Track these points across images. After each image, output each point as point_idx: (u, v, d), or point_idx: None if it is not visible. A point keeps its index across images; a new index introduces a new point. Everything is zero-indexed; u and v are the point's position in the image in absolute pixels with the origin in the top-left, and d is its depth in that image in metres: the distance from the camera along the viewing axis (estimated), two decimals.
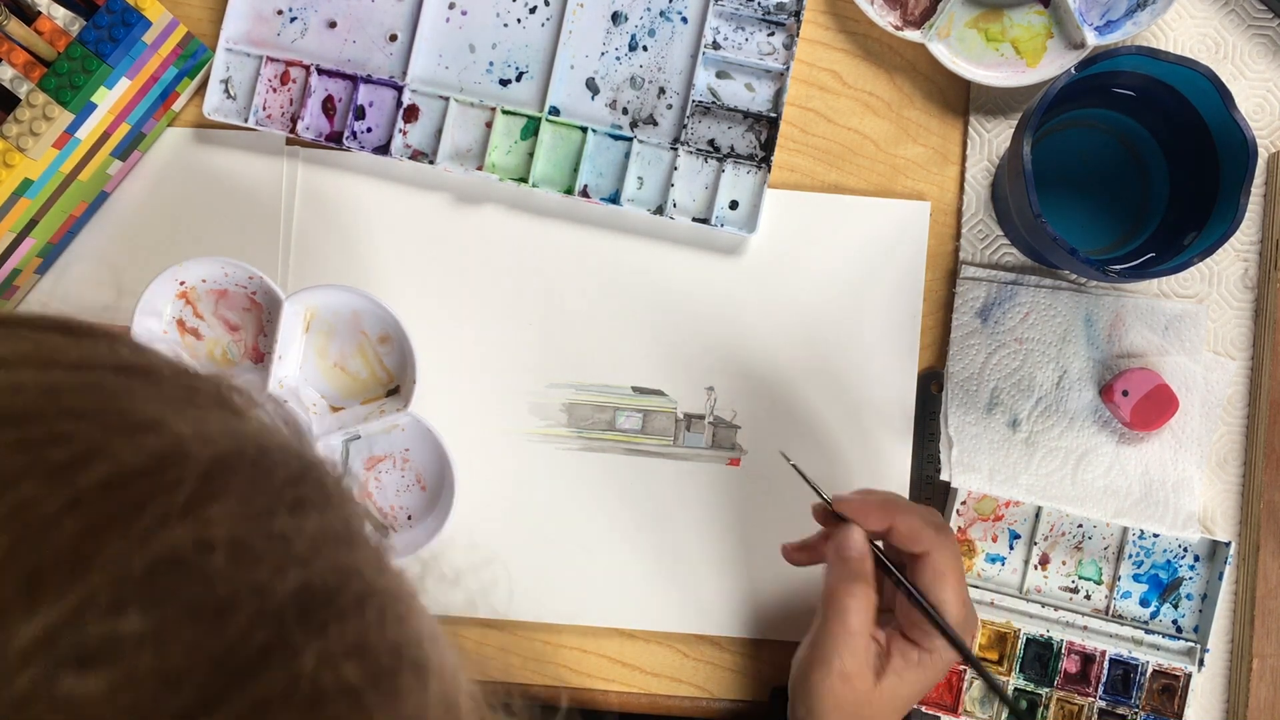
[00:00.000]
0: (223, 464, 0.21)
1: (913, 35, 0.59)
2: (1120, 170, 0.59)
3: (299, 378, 0.55)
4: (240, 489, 0.21)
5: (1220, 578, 0.59)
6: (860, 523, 0.50)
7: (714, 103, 0.60)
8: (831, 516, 0.51)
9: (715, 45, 0.60)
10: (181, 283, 0.53)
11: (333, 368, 0.55)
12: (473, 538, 0.61)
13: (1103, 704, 0.59)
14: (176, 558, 0.19)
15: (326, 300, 0.53)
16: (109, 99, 0.56)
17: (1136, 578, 0.60)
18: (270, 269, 0.61)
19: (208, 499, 0.20)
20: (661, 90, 0.60)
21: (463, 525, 0.61)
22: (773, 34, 0.60)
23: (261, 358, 0.54)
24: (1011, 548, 0.61)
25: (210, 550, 0.19)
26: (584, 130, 0.60)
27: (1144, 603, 0.60)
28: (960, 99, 0.62)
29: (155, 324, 0.54)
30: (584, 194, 0.60)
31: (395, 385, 0.56)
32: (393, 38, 0.60)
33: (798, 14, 0.60)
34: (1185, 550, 0.60)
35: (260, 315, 0.54)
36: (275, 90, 0.60)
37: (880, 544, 0.51)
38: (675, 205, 0.60)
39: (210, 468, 0.20)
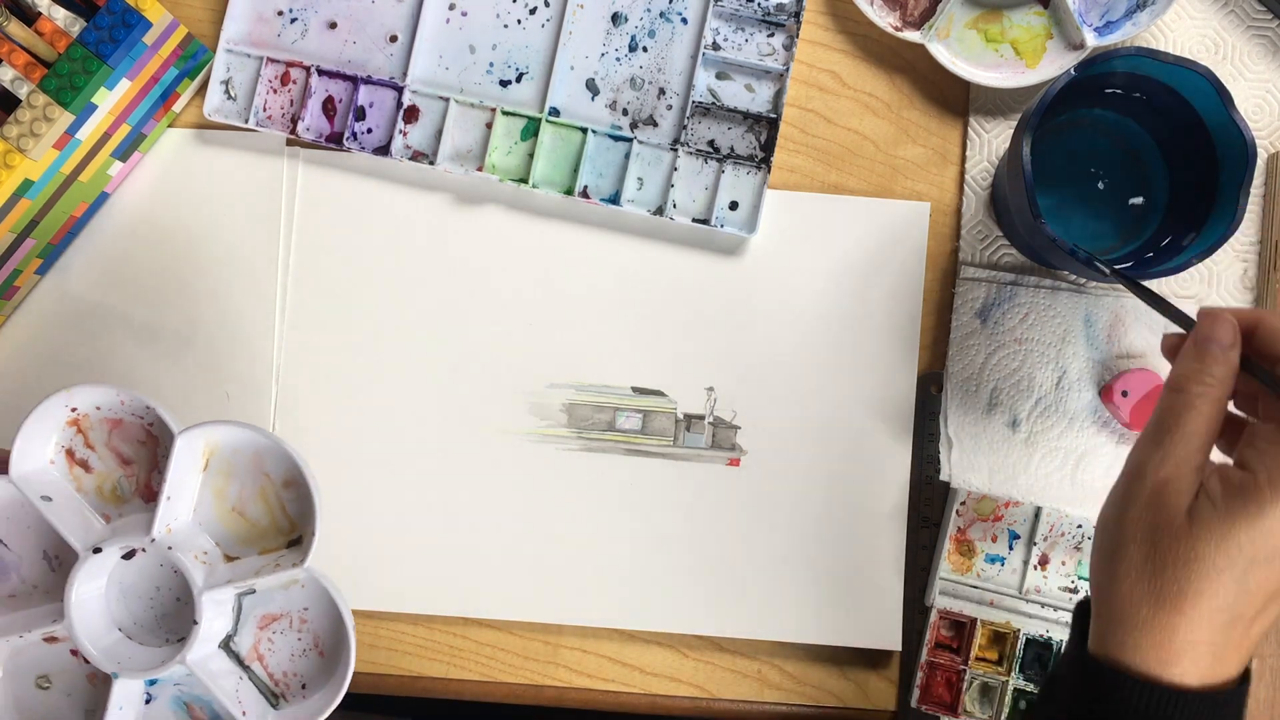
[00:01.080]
0: None
1: (912, 36, 0.59)
2: (1120, 171, 0.59)
3: (191, 521, 0.49)
4: None
5: None
6: (1214, 330, 0.41)
7: (714, 103, 0.60)
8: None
9: (715, 46, 0.60)
10: (73, 409, 0.47)
11: (231, 512, 0.49)
12: (473, 538, 0.61)
13: None
14: None
15: (226, 437, 0.47)
16: (109, 100, 0.56)
17: None
18: (270, 269, 0.61)
19: None
20: (661, 91, 0.60)
21: (464, 525, 0.61)
22: (772, 35, 0.60)
23: (154, 496, 0.48)
24: (1011, 548, 0.61)
25: None
26: (584, 131, 0.60)
27: None
28: (960, 100, 0.62)
29: (40, 452, 0.48)
30: (584, 195, 0.60)
31: (297, 535, 0.49)
32: (393, 38, 0.60)
33: (797, 15, 0.60)
34: None
35: (155, 449, 0.48)
36: (275, 91, 0.60)
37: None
38: (675, 206, 0.60)
39: None
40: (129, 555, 0.47)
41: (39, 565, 0.49)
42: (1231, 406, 0.44)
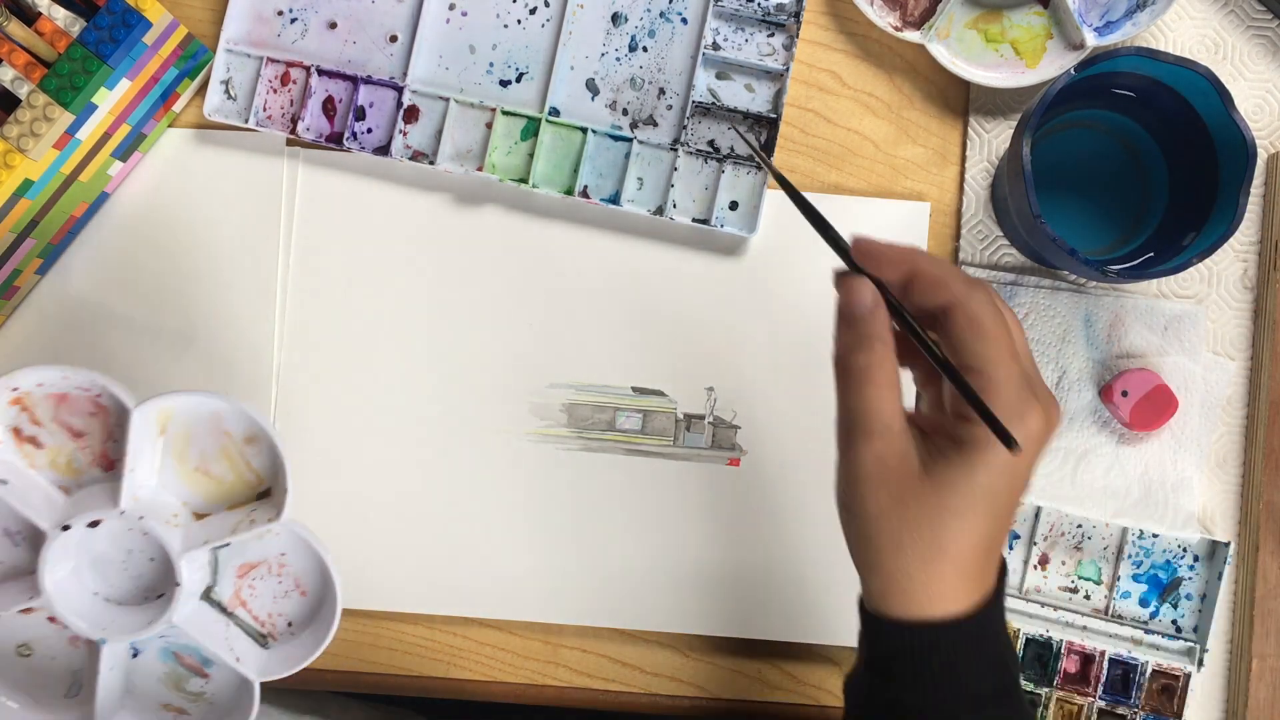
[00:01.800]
0: None
1: (912, 36, 0.59)
2: (1119, 171, 0.59)
3: (156, 486, 0.48)
4: None
5: (1220, 578, 0.59)
6: (874, 271, 0.42)
7: (714, 103, 0.60)
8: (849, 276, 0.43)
9: (715, 46, 0.60)
10: (15, 389, 0.46)
11: (194, 472, 0.48)
12: (474, 537, 0.61)
13: (1102, 704, 0.59)
14: None
15: (180, 404, 0.47)
16: (109, 100, 0.56)
17: (1136, 578, 0.60)
18: (270, 269, 0.61)
19: None
20: (661, 91, 0.60)
21: (464, 525, 0.61)
22: (772, 35, 0.60)
23: (111, 464, 0.47)
24: (1011, 548, 0.61)
25: None
26: (584, 131, 0.60)
27: (1143, 603, 0.60)
28: (960, 100, 0.62)
29: None
30: (584, 194, 0.60)
31: (266, 487, 0.49)
32: (393, 38, 0.60)
33: (797, 15, 0.60)
34: (1185, 550, 0.60)
35: (107, 419, 0.47)
36: (276, 91, 0.60)
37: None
38: (675, 206, 0.60)
39: None
40: (94, 525, 0.47)
41: (1, 543, 0.49)
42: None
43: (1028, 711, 0.43)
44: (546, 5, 0.60)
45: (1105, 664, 0.59)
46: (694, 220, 0.60)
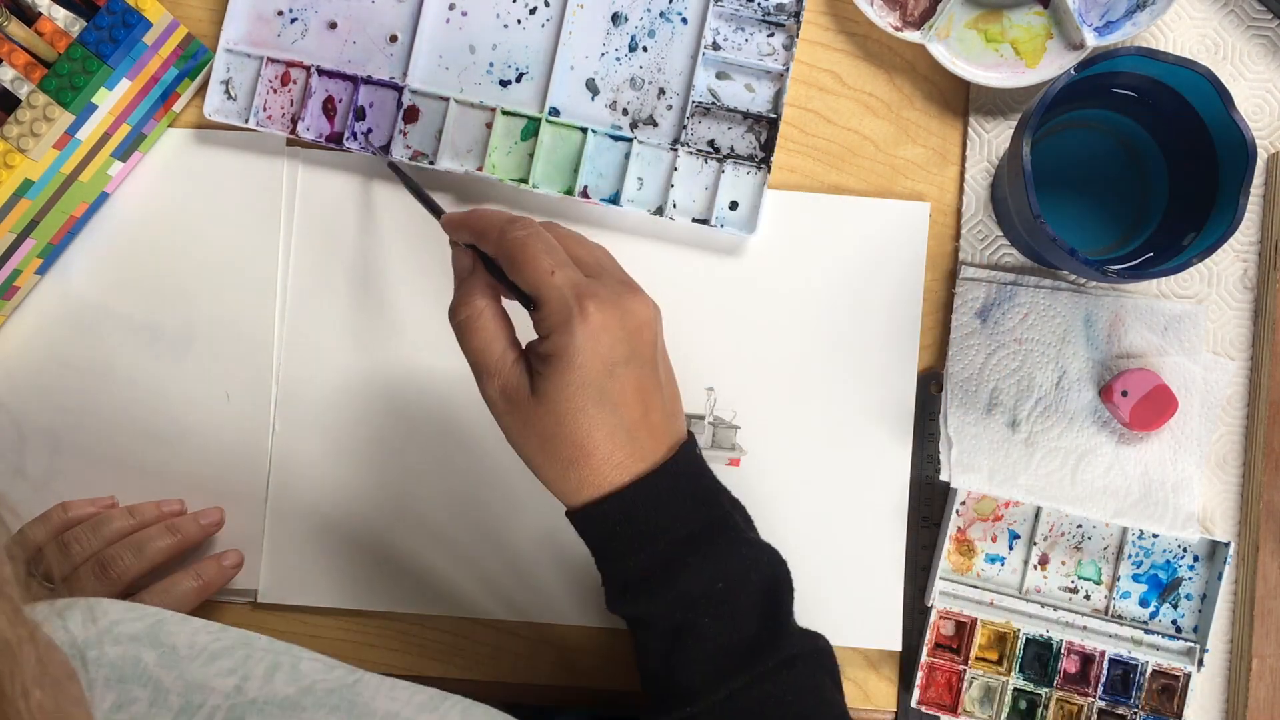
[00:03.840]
0: None
1: (912, 36, 0.59)
2: (1119, 171, 0.59)
3: None
4: None
5: (1219, 578, 0.59)
6: (464, 238, 0.50)
7: (714, 103, 0.60)
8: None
9: (715, 46, 0.60)
10: None
11: None
12: (474, 537, 0.61)
13: (1102, 704, 0.59)
14: None
15: None
16: (109, 100, 0.56)
17: (1136, 578, 0.60)
18: (270, 269, 0.61)
19: None
20: (661, 91, 0.60)
21: (464, 525, 0.61)
22: (772, 35, 0.60)
23: None
24: (1011, 548, 0.61)
25: None
26: (584, 131, 0.60)
27: (1143, 603, 0.60)
28: (960, 100, 0.62)
29: None
30: (584, 195, 0.60)
31: None
32: (393, 39, 0.60)
33: (797, 15, 0.60)
34: (1185, 550, 0.60)
35: None
36: (276, 91, 0.60)
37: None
38: (675, 206, 0.60)
39: None
40: None
41: None
42: None
43: (747, 541, 0.48)
44: (546, 5, 0.60)
45: (1105, 664, 0.59)
46: (694, 220, 0.60)
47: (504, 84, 0.60)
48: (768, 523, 0.61)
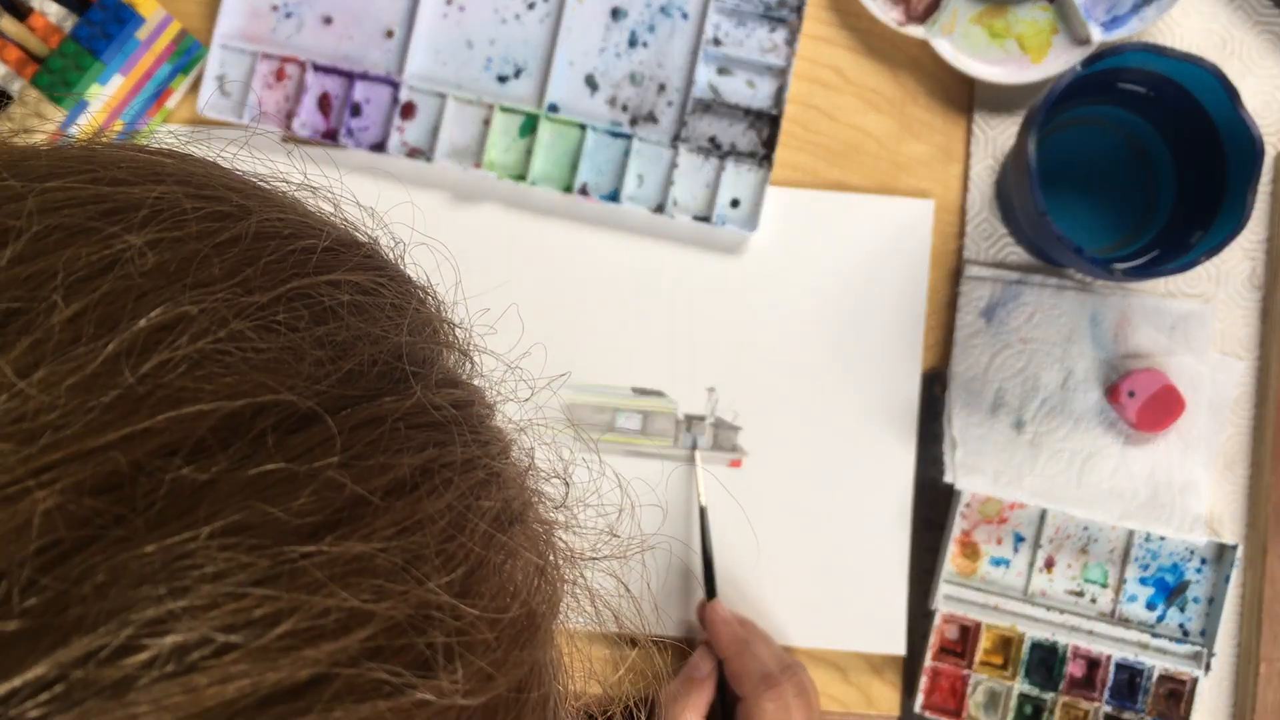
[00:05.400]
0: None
1: (916, 31, 0.58)
2: (1126, 168, 0.58)
3: None
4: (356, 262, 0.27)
5: (1227, 580, 0.58)
6: (711, 638, 0.56)
7: (715, 99, 0.59)
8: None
9: (716, 41, 0.59)
10: None
11: None
12: None
13: (1108, 709, 0.58)
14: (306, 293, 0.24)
15: None
16: (102, 96, 0.55)
17: (1143, 581, 0.60)
18: None
19: (334, 263, 0.26)
20: (661, 87, 0.59)
21: None
22: (774, 30, 0.59)
23: None
24: (1016, 551, 0.60)
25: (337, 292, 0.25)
26: (583, 127, 0.59)
27: (1150, 606, 0.60)
28: (964, 96, 0.61)
29: None
30: (583, 192, 0.59)
31: None
32: (389, 34, 0.60)
33: (799, 10, 0.59)
34: (1192, 553, 0.59)
35: None
36: (270, 87, 0.60)
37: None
38: (675, 203, 0.59)
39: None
40: None
41: None
42: None
43: None
44: (545, 0, 0.60)
45: (1111, 668, 0.58)
46: (694, 218, 0.59)
47: (502, 80, 0.60)
48: (769, 525, 0.60)
